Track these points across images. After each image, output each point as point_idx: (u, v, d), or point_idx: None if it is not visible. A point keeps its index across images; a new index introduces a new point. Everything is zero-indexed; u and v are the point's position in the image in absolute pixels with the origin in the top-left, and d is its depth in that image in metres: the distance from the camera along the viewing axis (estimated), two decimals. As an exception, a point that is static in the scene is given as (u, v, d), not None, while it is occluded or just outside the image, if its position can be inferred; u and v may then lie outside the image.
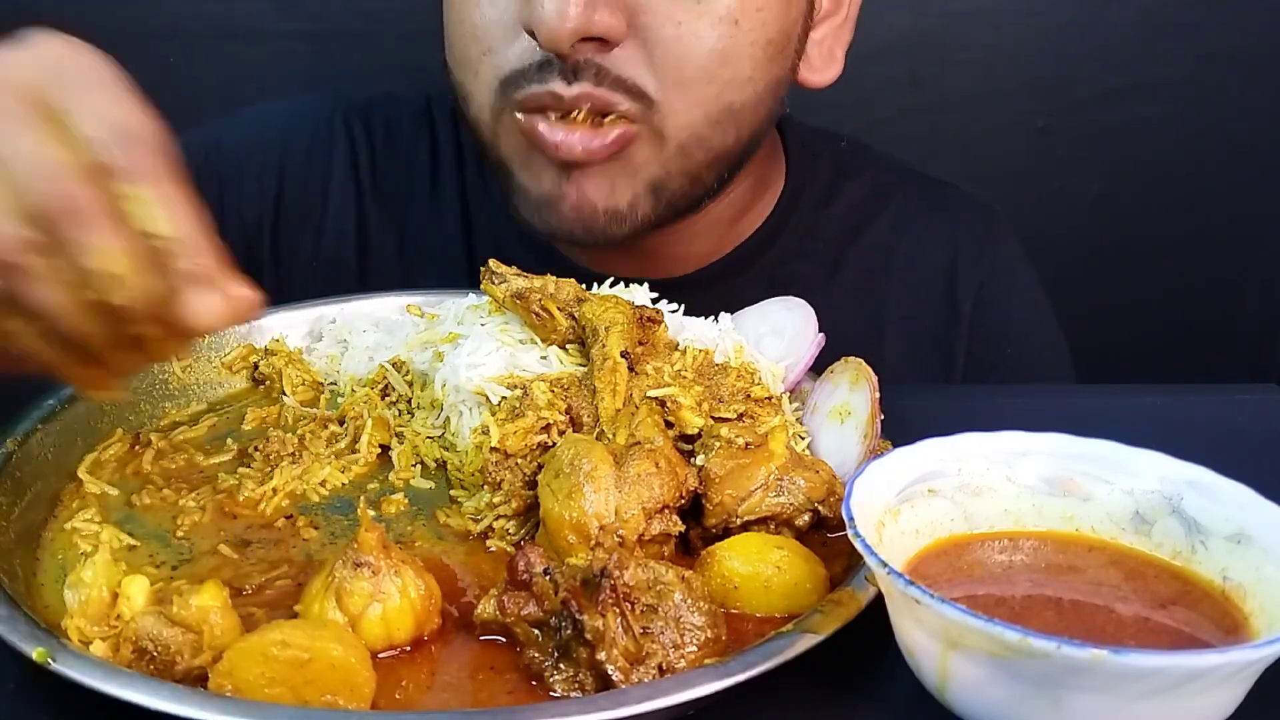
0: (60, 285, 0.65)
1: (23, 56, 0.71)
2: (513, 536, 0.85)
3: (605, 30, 1.01)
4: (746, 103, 1.09)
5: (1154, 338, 1.99)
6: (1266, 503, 0.70)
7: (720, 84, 1.06)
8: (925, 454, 0.75)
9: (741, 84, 1.08)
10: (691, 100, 1.06)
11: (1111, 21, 1.84)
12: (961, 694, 0.64)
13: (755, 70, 1.08)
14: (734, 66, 1.06)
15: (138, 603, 0.69)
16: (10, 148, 0.65)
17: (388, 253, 1.31)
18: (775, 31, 1.08)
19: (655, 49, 1.04)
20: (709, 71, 1.05)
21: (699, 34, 1.04)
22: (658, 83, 1.05)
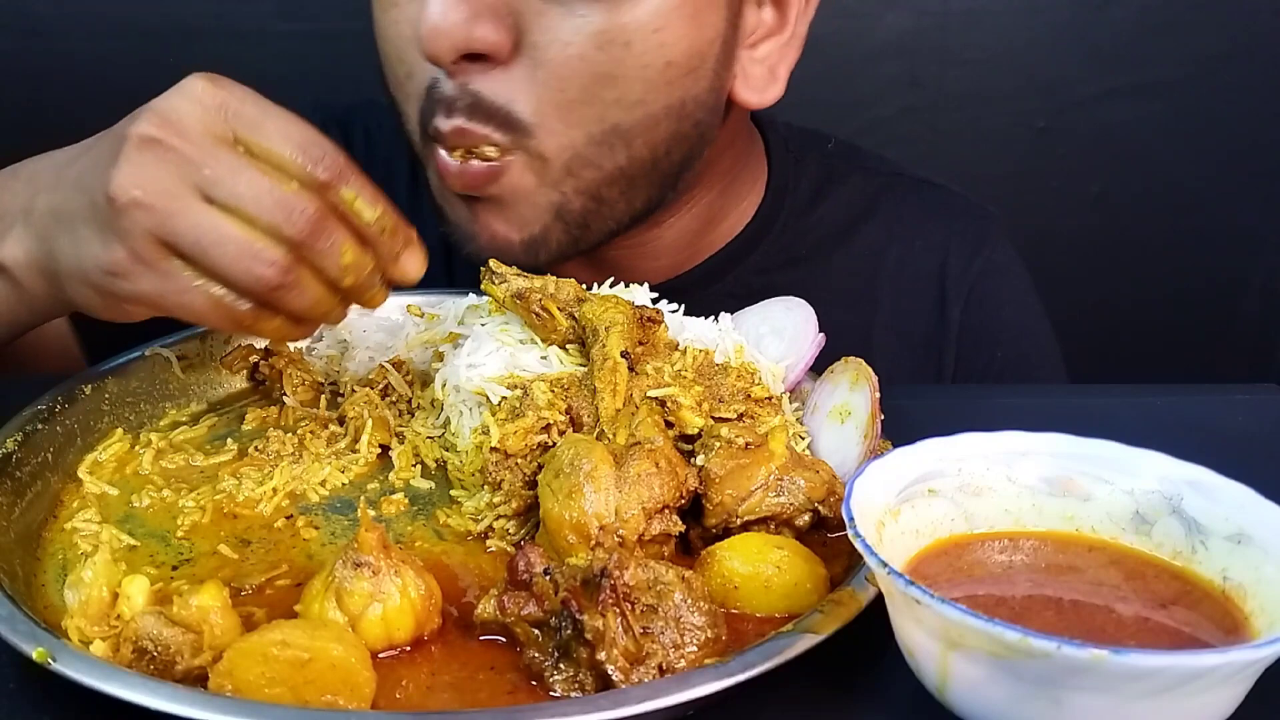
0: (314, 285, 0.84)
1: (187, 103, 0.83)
2: (513, 536, 0.85)
3: (488, 47, 0.98)
4: (636, 124, 1.04)
5: (1154, 338, 2.00)
6: (1266, 503, 0.70)
7: (603, 105, 1.02)
8: (925, 454, 0.75)
9: (629, 106, 1.03)
10: (570, 121, 1.02)
11: (1111, 21, 1.84)
12: (961, 694, 0.64)
13: (647, 93, 1.03)
14: (620, 89, 1.02)
15: (138, 603, 0.69)
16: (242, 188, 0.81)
17: None
18: (677, 53, 1.03)
19: (540, 70, 1.00)
20: (591, 93, 1.01)
21: (586, 56, 1.00)
22: (536, 106, 1.01)
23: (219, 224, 0.80)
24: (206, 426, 1.00)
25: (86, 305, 0.88)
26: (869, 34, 1.82)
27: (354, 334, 1.08)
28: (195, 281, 0.82)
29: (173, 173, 0.81)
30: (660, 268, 1.23)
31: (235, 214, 0.81)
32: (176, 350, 1.04)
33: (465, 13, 0.96)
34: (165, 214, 0.80)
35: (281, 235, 0.81)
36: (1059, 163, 1.91)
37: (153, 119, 0.82)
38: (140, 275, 0.82)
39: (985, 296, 1.30)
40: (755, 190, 1.29)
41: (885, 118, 1.84)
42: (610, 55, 1.00)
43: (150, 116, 0.82)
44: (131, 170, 0.80)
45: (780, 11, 1.12)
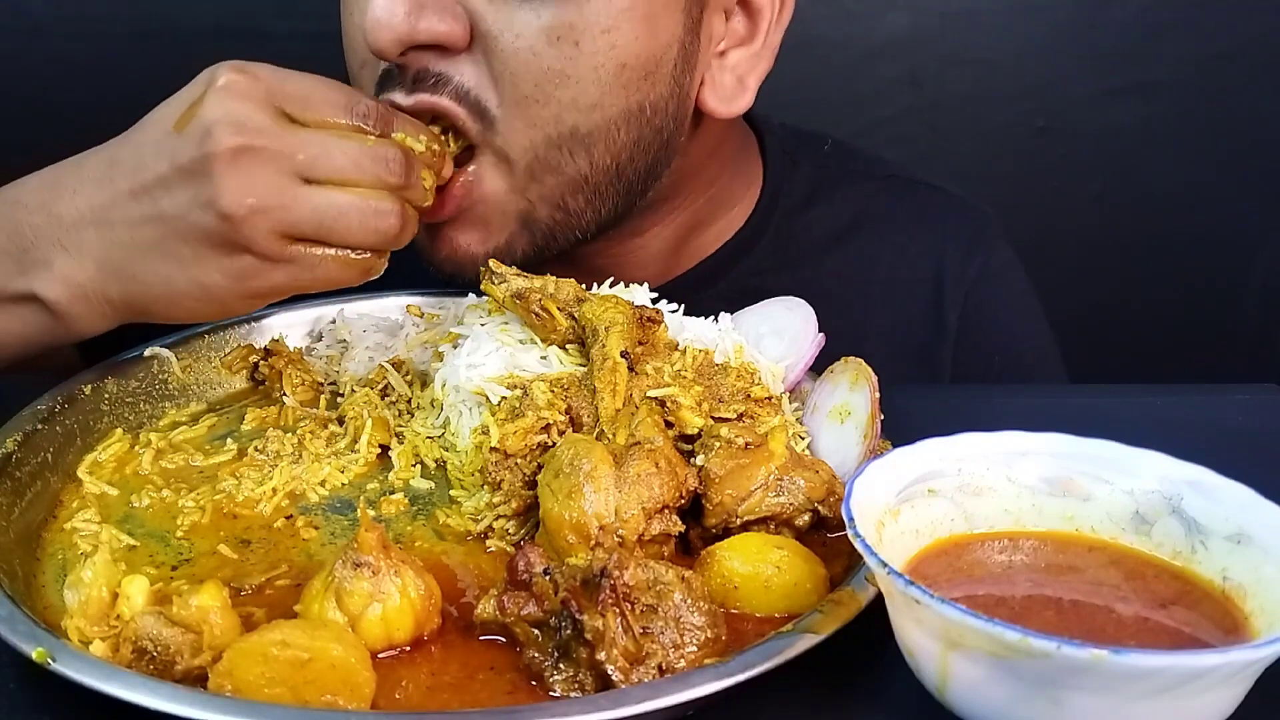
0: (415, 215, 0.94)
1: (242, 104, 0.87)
2: (513, 536, 0.85)
3: (437, 37, 0.97)
4: (594, 129, 1.03)
5: (1154, 338, 2.00)
6: (1266, 503, 0.70)
7: (559, 106, 1.01)
8: (925, 454, 0.75)
9: (585, 109, 1.02)
10: (529, 120, 1.01)
11: (1111, 21, 1.84)
12: (961, 694, 0.64)
13: (603, 95, 1.02)
14: (574, 90, 1.00)
15: (138, 603, 0.69)
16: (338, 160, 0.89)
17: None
18: (630, 56, 1.01)
19: (494, 60, 0.99)
20: (545, 92, 1.00)
21: (537, 51, 0.99)
22: (498, 99, 1.00)
23: (333, 199, 0.88)
24: (206, 426, 1.00)
25: (192, 316, 0.95)
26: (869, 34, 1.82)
27: (354, 334, 1.09)
28: (320, 253, 0.89)
29: (272, 171, 0.86)
30: (647, 275, 1.19)
31: (339, 184, 0.88)
32: (176, 350, 1.04)
33: (409, 5, 0.96)
34: (282, 209, 0.86)
35: (387, 185, 0.90)
36: (1059, 163, 1.91)
37: (225, 130, 0.86)
38: (271, 271, 0.89)
39: (983, 301, 1.29)
40: (749, 194, 1.28)
41: (885, 118, 1.84)
42: (561, 52, 0.99)
43: (221, 129, 0.86)
44: (235, 183, 0.85)
45: (752, 21, 1.11)
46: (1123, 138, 1.89)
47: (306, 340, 1.11)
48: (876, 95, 1.83)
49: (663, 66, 1.05)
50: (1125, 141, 1.90)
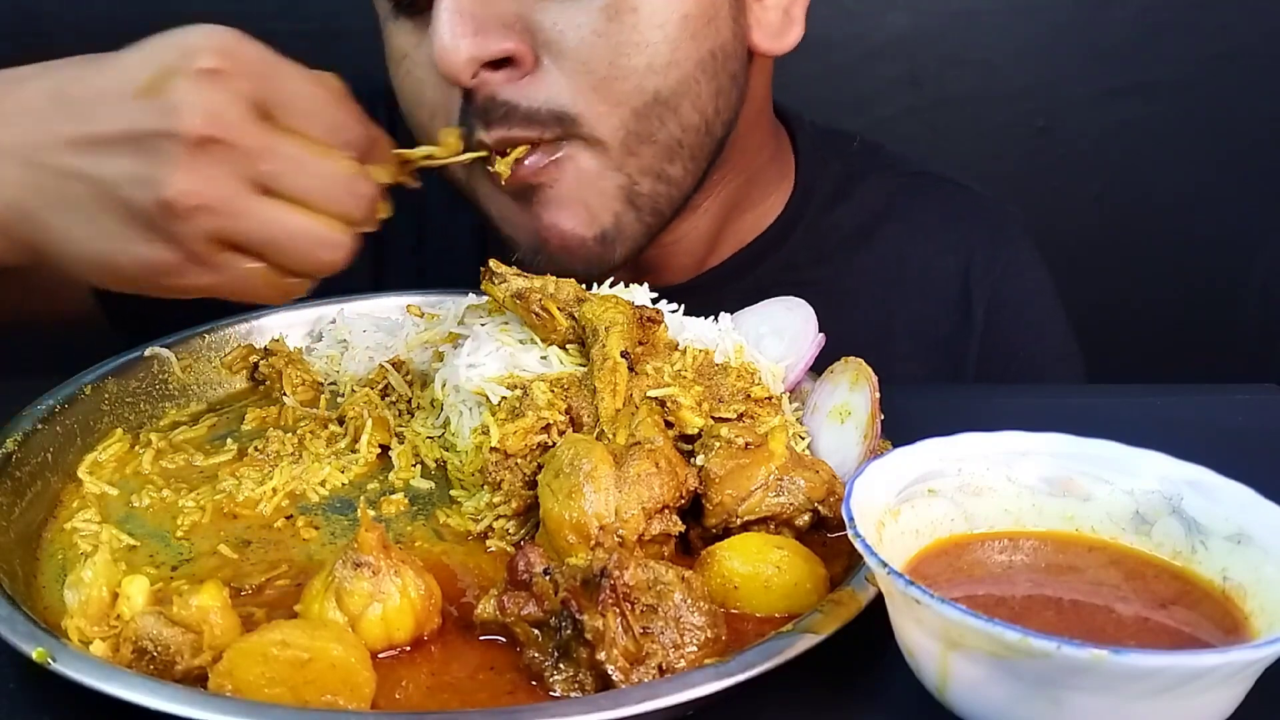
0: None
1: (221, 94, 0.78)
2: (513, 536, 0.85)
3: (503, 53, 0.99)
4: (675, 88, 1.05)
5: (1154, 337, 1.99)
6: (1266, 503, 0.70)
7: (637, 75, 1.02)
8: (925, 454, 0.75)
9: (662, 69, 1.03)
10: (613, 99, 1.03)
11: (1111, 21, 1.84)
12: (961, 694, 0.64)
13: (674, 52, 1.03)
14: (648, 54, 1.02)
15: (138, 603, 0.69)
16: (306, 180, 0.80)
17: (404, 245, 1.30)
18: (690, 6, 1.03)
19: (564, 61, 1.01)
20: (620, 66, 1.01)
21: (600, 32, 1.00)
22: (574, 96, 1.02)
23: (288, 220, 0.79)
24: (206, 426, 1.00)
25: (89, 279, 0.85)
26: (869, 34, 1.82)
27: (354, 334, 1.09)
28: (250, 268, 0.80)
29: (230, 172, 0.77)
30: (686, 265, 1.24)
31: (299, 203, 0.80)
32: (176, 350, 1.04)
33: (472, 26, 0.97)
34: (230, 216, 0.77)
35: (350, 220, 0.82)
36: (1059, 163, 1.91)
37: (195, 114, 0.76)
38: (191, 272, 0.79)
39: (1009, 297, 1.31)
40: (782, 185, 1.30)
41: (885, 118, 1.84)
42: (623, 23, 1.01)
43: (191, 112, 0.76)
44: (188, 174, 0.76)
45: None
46: (1123, 138, 1.89)
47: (306, 340, 1.11)
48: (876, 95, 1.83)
49: (721, 9, 1.07)
50: (1125, 141, 1.90)
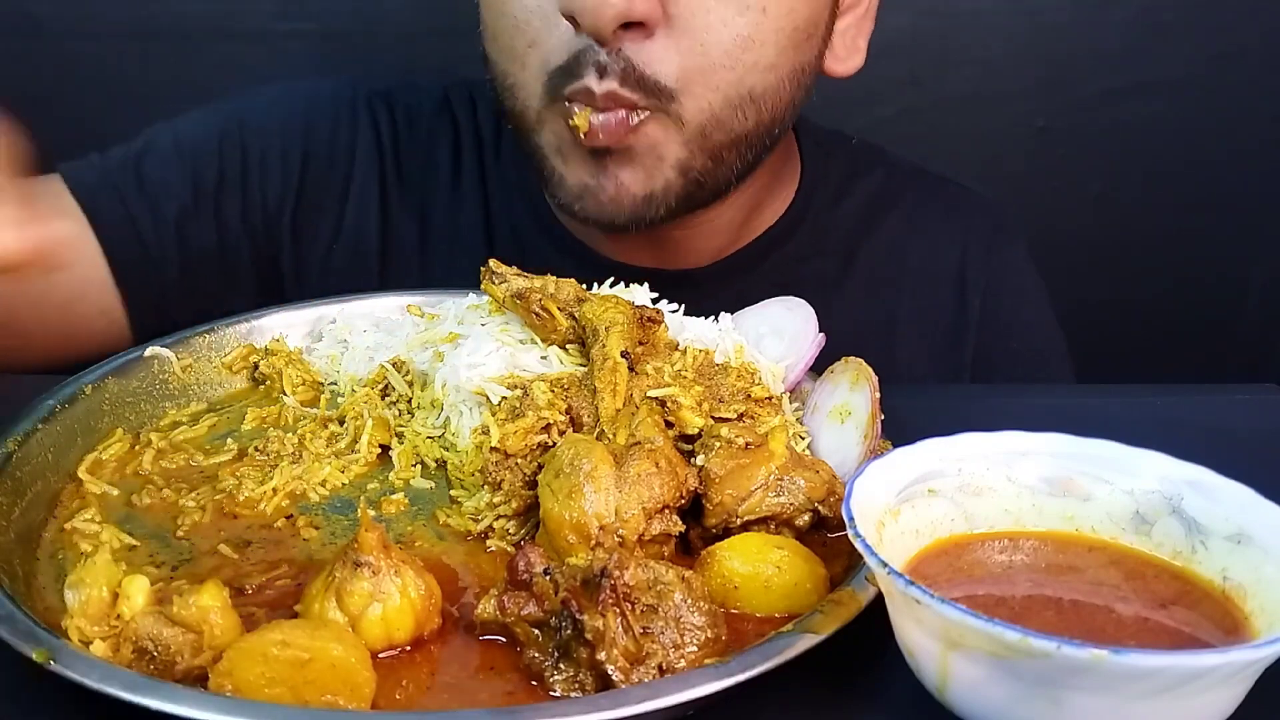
0: None
1: None
2: (513, 536, 0.85)
3: (645, 15, 1.02)
4: (768, 89, 1.10)
5: (1154, 337, 1.99)
6: (1266, 503, 0.70)
7: (742, 69, 1.07)
8: (925, 454, 0.75)
9: (764, 70, 1.09)
10: (711, 85, 1.07)
11: (1111, 21, 1.84)
12: (961, 694, 0.64)
13: (779, 57, 1.09)
14: (757, 53, 1.07)
15: (138, 603, 0.69)
16: None
17: (409, 240, 1.31)
18: (802, 19, 1.10)
19: (684, 37, 1.05)
20: (733, 57, 1.07)
21: (727, 21, 1.05)
22: (680, 70, 1.05)
23: None
24: (206, 426, 1.00)
25: None
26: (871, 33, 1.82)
27: (354, 334, 1.09)
28: None
29: None
30: (709, 249, 1.27)
31: None
32: (177, 350, 1.04)
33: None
34: None
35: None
36: (1059, 163, 1.91)
37: None
38: None
39: (1002, 291, 1.34)
40: (791, 181, 1.33)
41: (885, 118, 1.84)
42: (749, 19, 1.06)
43: None
44: None
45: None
46: (1123, 138, 1.89)
47: (306, 340, 1.11)
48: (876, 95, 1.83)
49: (818, 29, 1.14)
50: (1125, 141, 1.89)
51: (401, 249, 1.31)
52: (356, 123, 1.32)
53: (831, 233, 1.32)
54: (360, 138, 1.31)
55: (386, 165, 1.32)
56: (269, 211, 1.29)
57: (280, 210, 1.29)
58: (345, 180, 1.31)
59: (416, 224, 1.31)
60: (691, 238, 1.24)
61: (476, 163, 1.32)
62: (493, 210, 1.31)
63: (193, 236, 1.25)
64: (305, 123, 1.31)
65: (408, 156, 1.32)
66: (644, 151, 1.09)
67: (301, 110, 1.33)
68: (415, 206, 1.32)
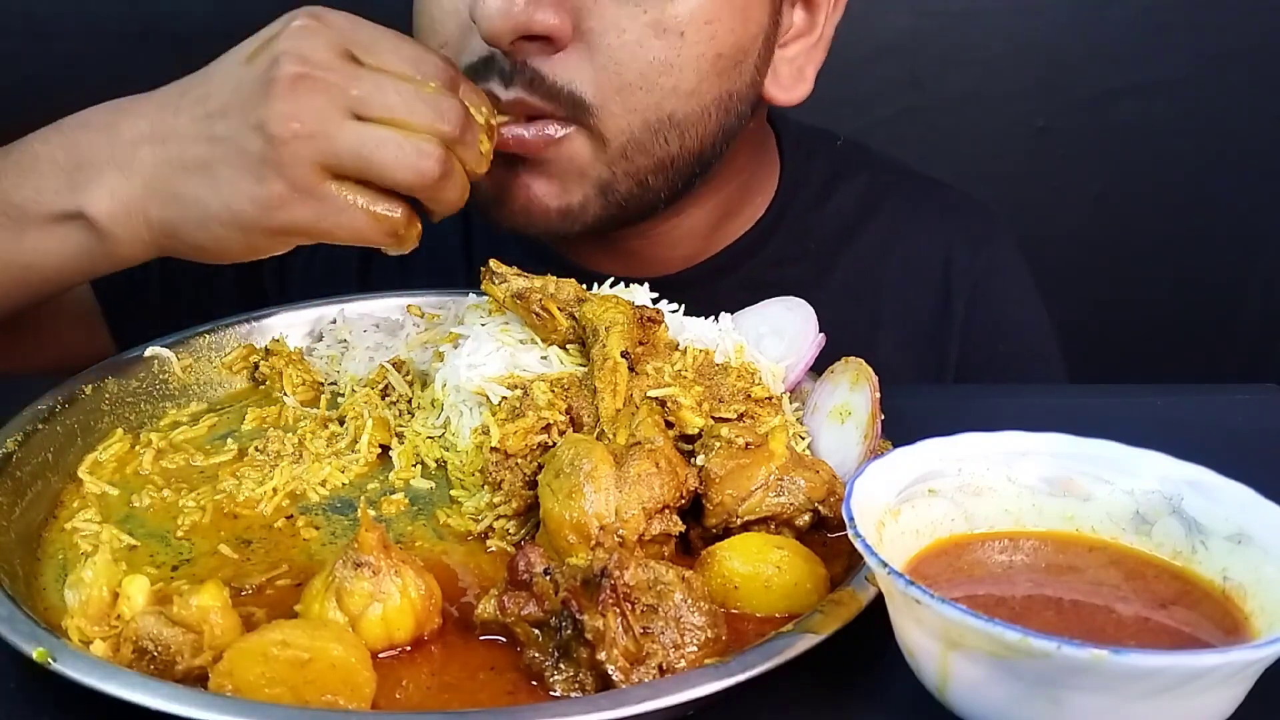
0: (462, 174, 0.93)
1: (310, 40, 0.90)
2: (513, 536, 0.85)
3: (547, 30, 1.00)
4: (690, 114, 1.08)
5: (1154, 337, 2.00)
6: (1266, 503, 0.70)
7: (660, 93, 1.05)
8: (925, 454, 0.75)
9: (684, 95, 1.06)
10: (629, 106, 1.05)
11: (1111, 21, 1.84)
12: (961, 694, 0.64)
13: (700, 83, 1.06)
14: (676, 77, 1.05)
15: (138, 603, 0.69)
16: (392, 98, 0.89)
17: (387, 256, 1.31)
18: (726, 46, 1.06)
19: (598, 55, 1.02)
20: (649, 80, 1.04)
21: (642, 43, 1.02)
22: (596, 89, 1.03)
23: (377, 132, 0.88)
24: (206, 426, 1.00)
25: (218, 246, 0.93)
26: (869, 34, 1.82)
27: (354, 334, 1.09)
28: (350, 198, 0.89)
29: (325, 101, 0.87)
30: (676, 258, 1.25)
31: (390, 124, 0.89)
32: (177, 350, 1.04)
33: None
34: (326, 138, 0.87)
35: (438, 131, 0.90)
36: (1059, 163, 1.91)
37: (290, 60, 0.88)
38: (298, 203, 0.89)
39: (989, 292, 1.32)
40: (769, 185, 1.31)
41: (885, 118, 1.84)
42: (666, 43, 1.04)
43: (287, 59, 0.88)
44: (286, 106, 0.87)
45: (810, 13, 1.17)
46: (1123, 138, 1.89)
47: (307, 340, 1.11)
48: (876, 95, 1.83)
49: (749, 56, 1.10)
50: (1125, 141, 1.90)
51: (382, 260, 1.30)
52: None
53: (813, 234, 1.31)
54: None
55: None
56: None
57: None
58: None
59: None
60: (651, 246, 1.22)
61: None
62: (472, 221, 1.31)
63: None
64: None
65: None
66: (562, 165, 1.07)
67: None
68: None
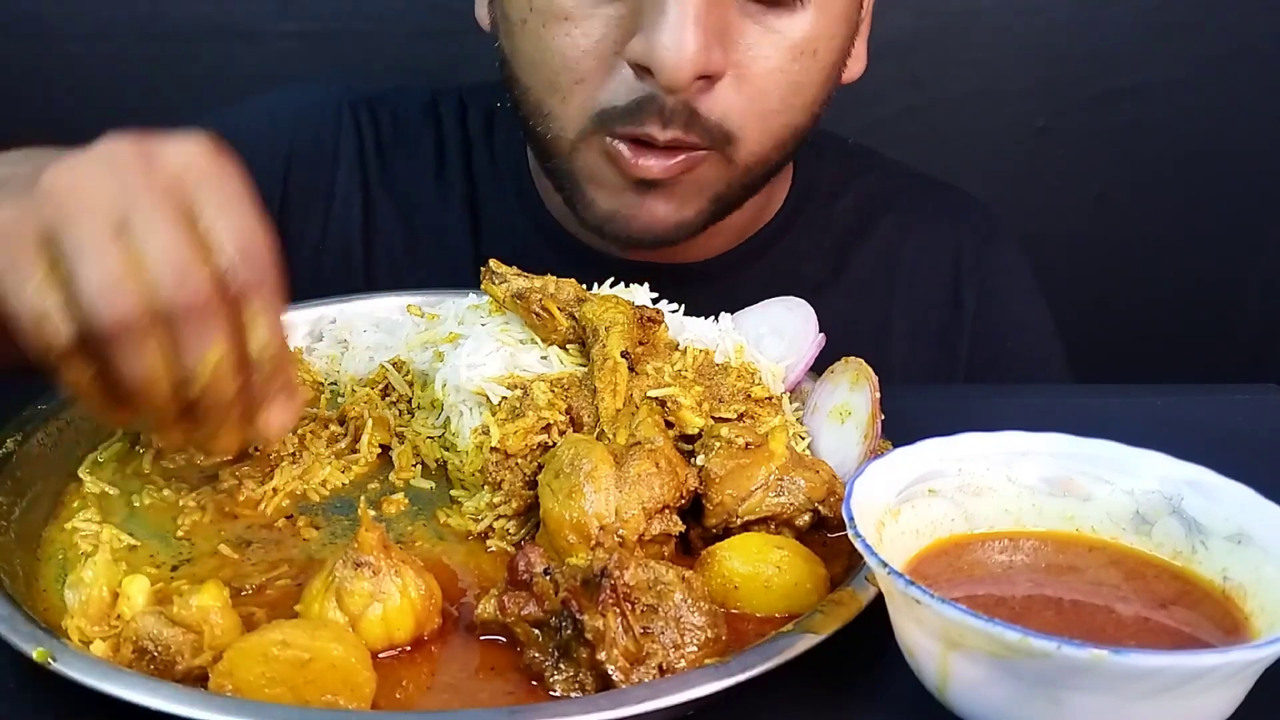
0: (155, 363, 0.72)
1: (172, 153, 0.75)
2: (513, 536, 0.85)
3: (718, 69, 1.03)
4: (808, 124, 1.13)
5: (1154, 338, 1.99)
6: (1266, 503, 0.70)
7: (793, 112, 1.10)
8: (925, 454, 0.75)
9: (807, 107, 1.11)
10: (766, 130, 1.09)
11: (1111, 21, 1.84)
12: (961, 694, 0.64)
13: (819, 93, 1.11)
14: (806, 94, 1.10)
15: (138, 603, 0.69)
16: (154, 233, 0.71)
17: (394, 242, 1.32)
18: (839, 54, 1.12)
19: (745, 86, 1.06)
20: (787, 103, 1.09)
21: (784, 69, 1.06)
22: (741, 119, 1.07)
23: (105, 248, 0.70)
24: (207, 426, 0.99)
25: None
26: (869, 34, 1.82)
27: (354, 334, 1.09)
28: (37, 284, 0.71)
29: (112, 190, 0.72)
30: (712, 246, 1.28)
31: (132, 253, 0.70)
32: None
33: (702, 40, 1.00)
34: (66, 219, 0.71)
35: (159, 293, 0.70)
36: (1059, 163, 1.91)
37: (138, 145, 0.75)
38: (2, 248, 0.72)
39: (995, 291, 1.35)
40: (784, 180, 1.33)
41: (885, 118, 1.84)
42: (802, 65, 1.07)
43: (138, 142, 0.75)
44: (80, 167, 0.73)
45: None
46: (1123, 138, 1.89)
47: (306, 340, 1.11)
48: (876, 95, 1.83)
49: (846, 54, 1.15)
50: (1125, 141, 1.89)
51: (388, 253, 1.32)
52: (341, 127, 1.33)
53: (825, 234, 1.33)
54: (344, 141, 1.33)
55: (370, 168, 1.33)
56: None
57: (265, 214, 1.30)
58: (329, 184, 1.32)
59: (402, 228, 1.32)
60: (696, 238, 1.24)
61: (463, 165, 1.32)
62: (482, 211, 1.31)
63: None
64: (291, 128, 1.33)
65: (392, 161, 1.33)
66: (689, 186, 1.10)
67: (288, 116, 1.34)
68: (400, 211, 1.33)
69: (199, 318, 0.71)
